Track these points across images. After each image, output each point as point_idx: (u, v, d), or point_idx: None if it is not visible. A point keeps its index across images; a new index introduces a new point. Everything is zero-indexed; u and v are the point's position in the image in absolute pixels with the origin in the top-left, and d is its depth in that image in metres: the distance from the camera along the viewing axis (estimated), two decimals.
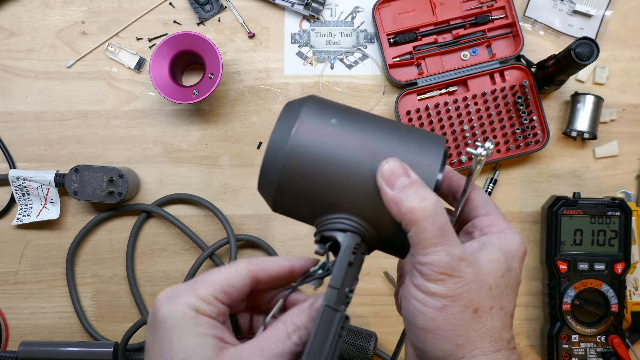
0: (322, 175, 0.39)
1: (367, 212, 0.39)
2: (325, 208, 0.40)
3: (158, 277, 0.81)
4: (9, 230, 0.81)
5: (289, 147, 0.39)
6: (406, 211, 0.37)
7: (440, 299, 0.37)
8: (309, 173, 0.39)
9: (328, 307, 0.37)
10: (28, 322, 0.81)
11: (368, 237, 0.40)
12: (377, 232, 0.40)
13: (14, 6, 0.81)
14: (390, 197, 0.37)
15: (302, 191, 0.39)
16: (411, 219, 0.37)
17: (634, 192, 0.80)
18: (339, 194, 0.39)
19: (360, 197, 0.39)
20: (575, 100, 0.78)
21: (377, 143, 0.39)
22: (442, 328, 0.37)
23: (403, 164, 0.38)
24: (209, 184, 0.81)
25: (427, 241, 0.37)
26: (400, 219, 0.37)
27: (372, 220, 0.39)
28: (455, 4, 0.80)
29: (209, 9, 0.81)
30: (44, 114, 0.81)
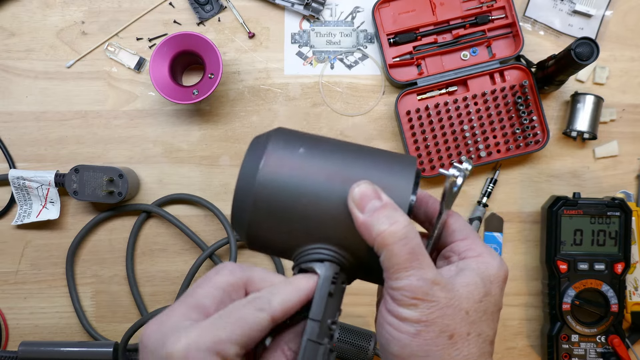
0: (294, 206, 0.38)
1: (342, 239, 0.38)
2: (300, 240, 0.38)
3: (158, 277, 0.81)
4: (9, 230, 0.81)
5: (258, 182, 0.38)
6: (376, 235, 0.36)
7: (413, 324, 0.36)
8: (280, 205, 0.38)
9: (310, 341, 0.36)
10: (28, 322, 0.81)
11: (347, 266, 0.39)
12: (355, 259, 0.39)
13: (14, 6, 0.81)
14: (361, 222, 0.36)
15: (275, 225, 0.38)
16: (381, 242, 0.36)
17: (634, 192, 0.80)
18: (312, 223, 0.38)
19: (333, 224, 0.38)
20: (575, 100, 0.78)
21: (347, 168, 0.38)
22: (416, 354, 0.36)
23: (374, 186, 0.37)
24: (209, 184, 0.81)
25: (397, 265, 0.36)
26: (372, 243, 0.36)
27: (348, 248, 0.38)
28: (455, 4, 0.80)
29: (209, 9, 0.81)
30: (44, 114, 0.81)
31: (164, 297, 0.80)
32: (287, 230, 0.38)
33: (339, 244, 0.38)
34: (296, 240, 0.39)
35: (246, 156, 0.39)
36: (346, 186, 0.38)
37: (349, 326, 0.76)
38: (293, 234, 0.38)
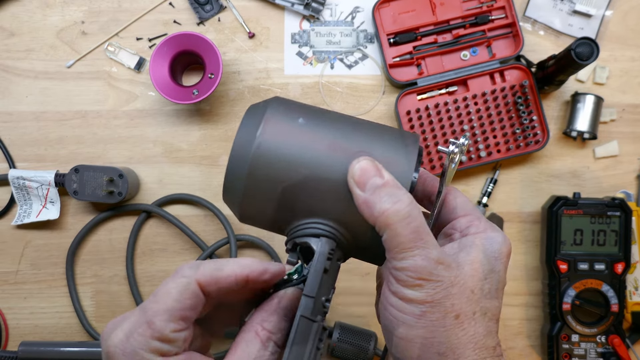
0: (291, 178, 0.36)
1: (341, 215, 0.37)
2: (296, 213, 0.37)
3: (158, 277, 0.81)
4: (9, 230, 0.81)
5: (255, 149, 0.36)
6: (378, 214, 0.35)
7: (418, 305, 0.35)
8: (277, 175, 0.36)
9: (304, 317, 0.34)
10: (28, 322, 0.81)
11: (344, 243, 0.37)
12: (353, 236, 0.37)
13: (14, 6, 0.81)
14: (362, 200, 0.35)
15: (270, 196, 0.37)
16: (384, 222, 0.35)
17: (634, 192, 0.80)
18: (310, 196, 0.36)
19: (332, 199, 0.36)
20: (575, 100, 0.78)
21: (348, 141, 0.37)
22: (422, 336, 0.35)
23: (376, 162, 0.36)
24: (209, 184, 0.81)
25: (401, 245, 0.35)
26: (374, 222, 0.35)
27: (346, 224, 0.37)
28: (455, 4, 0.80)
29: (209, 9, 0.81)
30: (43, 114, 0.81)
31: None
32: (283, 201, 0.37)
33: (336, 220, 0.37)
34: (292, 213, 0.37)
35: (242, 123, 0.37)
36: (347, 160, 0.36)
37: (349, 326, 0.76)
38: (289, 206, 0.37)
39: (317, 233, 0.37)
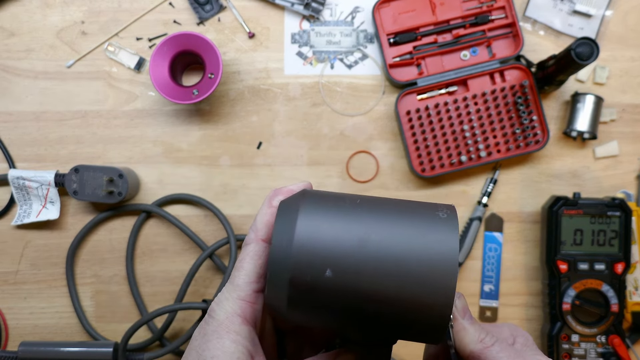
0: (329, 326, 0.37)
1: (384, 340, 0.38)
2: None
3: (158, 277, 0.81)
4: (9, 230, 0.81)
5: (287, 305, 0.36)
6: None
7: None
8: (314, 321, 0.37)
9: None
10: (28, 322, 0.81)
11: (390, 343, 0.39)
12: (406, 334, 0.38)
13: (14, 6, 0.81)
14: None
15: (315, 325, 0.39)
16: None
17: (634, 192, 0.80)
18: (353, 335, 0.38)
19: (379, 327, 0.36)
20: (575, 100, 0.78)
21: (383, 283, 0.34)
22: None
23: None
24: (209, 184, 0.81)
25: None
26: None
27: (392, 340, 0.38)
28: (455, 4, 0.80)
29: (209, 9, 0.81)
30: (43, 114, 0.81)
31: (164, 297, 0.80)
32: (326, 326, 0.38)
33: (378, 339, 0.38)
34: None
35: (270, 264, 0.36)
36: (385, 305, 0.34)
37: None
38: (332, 330, 0.39)
39: (362, 344, 0.38)
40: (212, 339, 0.37)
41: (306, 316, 0.36)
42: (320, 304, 0.35)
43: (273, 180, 0.80)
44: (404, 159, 0.81)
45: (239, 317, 0.38)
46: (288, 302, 0.35)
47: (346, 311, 0.35)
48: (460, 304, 0.41)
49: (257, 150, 0.81)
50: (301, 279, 0.34)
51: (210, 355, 0.36)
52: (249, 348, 0.37)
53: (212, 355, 0.36)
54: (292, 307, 0.35)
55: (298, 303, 0.35)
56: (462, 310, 0.41)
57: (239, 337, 0.37)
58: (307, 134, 0.81)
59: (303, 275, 0.34)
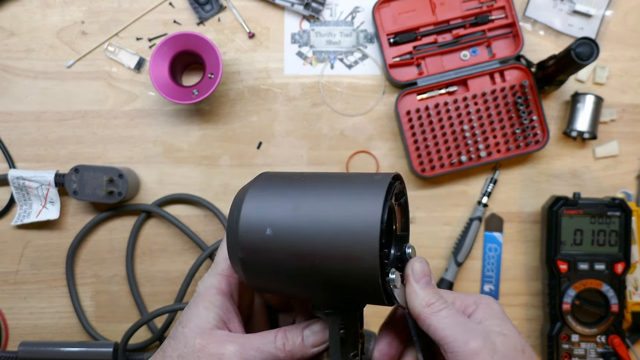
0: (277, 286, 0.41)
1: (339, 304, 0.40)
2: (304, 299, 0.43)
3: (158, 277, 0.80)
4: (9, 230, 0.80)
5: (241, 260, 0.40)
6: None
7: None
8: (266, 284, 0.41)
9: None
10: (28, 322, 0.81)
11: (353, 307, 0.42)
12: (358, 300, 0.41)
13: (14, 6, 0.81)
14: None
15: (270, 291, 0.44)
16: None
17: (634, 192, 0.80)
18: (299, 296, 0.43)
19: (322, 297, 0.40)
20: (575, 100, 0.78)
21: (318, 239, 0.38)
22: None
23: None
24: (209, 184, 0.81)
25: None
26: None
27: (345, 302, 0.41)
28: (455, 4, 0.80)
29: (209, 9, 0.81)
30: (43, 113, 0.81)
31: (164, 297, 0.80)
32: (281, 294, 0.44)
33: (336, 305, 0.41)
34: (297, 298, 0.44)
35: (228, 219, 0.41)
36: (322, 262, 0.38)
37: None
38: (290, 296, 0.44)
39: (326, 312, 0.41)
40: (191, 307, 0.42)
41: (260, 279, 0.40)
42: (267, 263, 0.39)
43: None
44: (404, 159, 0.81)
45: (214, 289, 0.43)
46: (242, 266, 0.39)
47: (290, 270, 0.39)
48: (419, 268, 0.40)
49: (257, 150, 0.81)
50: (247, 240, 0.39)
51: (186, 320, 0.42)
52: (222, 315, 0.42)
53: (188, 319, 0.42)
54: (247, 271, 0.40)
55: (250, 265, 0.39)
56: (420, 274, 0.40)
57: (212, 305, 0.42)
58: (307, 134, 0.81)
59: (248, 236, 0.39)
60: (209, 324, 0.41)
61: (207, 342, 0.40)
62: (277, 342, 0.40)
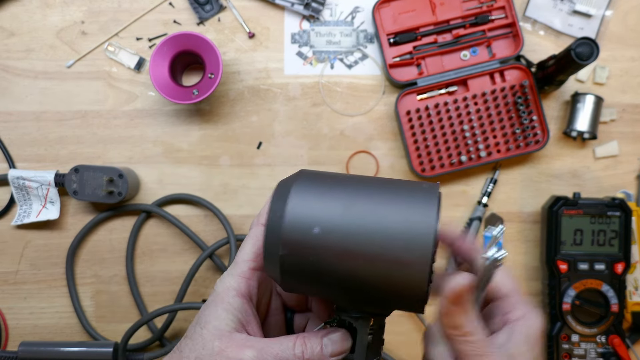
0: (316, 287, 0.40)
1: (377, 301, 0.40)
2: (335, 302, 0.42)
3: (158, 277, 0.81)
4: (8, 230, 0.80)
5: (281, 264, 0.38)
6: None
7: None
8: (304, 284, 0.40)
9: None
10: (28, 322, 0.81)
11: (380, 313, 0.41)
12: (390, 307, 0.41)
13: (14, 6, 0.81)
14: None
15: (308, 292, 0.43)
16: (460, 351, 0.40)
17: (634, 192, 0.80)
18: (335, 298, 0.41)
19: (360, 299, 0.40)
20: (575, 100, 0.78)
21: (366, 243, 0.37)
22: None
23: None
24: (209, 184, 0.81)
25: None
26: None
27: (383, 305, 0.40)
28: (455, 4, 0.80)
29: (209, 9, 0.81)
30: (43, 113, 0.81)
31: (164, 297, 0.80)
32: (319, 296, 0.43)
33: (370, 309, 0.41)
34: (331, 302, 0.43)
35: (267, 224, 0.39)
36: (368, 265, 0.37)
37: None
38: (325, 300, 0.43)
39: (355, 316, 0.41)
40: (209, 307, 0.42)
41: (298, 279, 0.39)
42: (310, 262, 0.38)
43: (273, 180, 0.80)
44: (404, 159, 0.81)
45: (234, 290, 0.42)
46: (281, 264, 0.38)
47: (333, 271, 0.38)
48: (457, 288, 0.39)
49: (257, 150, 0.81)
50: (292, 238, 0.37)
51: (205, 320, 0.41)
52: (240, 317, 0.41)
53: (206, 320, 0.41)
54: (285, 269, 0.38)
55: (290, 264, 0.38)
56: (454, 293, 0.39)
57: (230, 307, 0.41)
58: (307, 134, 0.81)
59: (293, 234, 0.37)
60: (228, 327, 0.41)
61: (225, 345, 0.40)
62: (296, 349, 0.40)
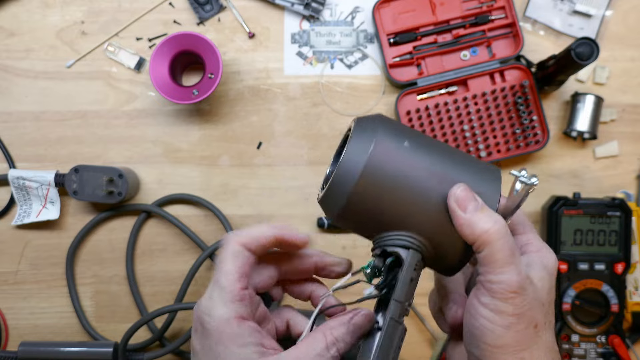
0: (394, 195, 0.40)
1: (431, 231, 0.41)
2: (391, 225, 0.41)
3: (158, 277, 0.81)
4: (8, 230, 0.80)
5: (366, 165, 0.40)
6: (481, 232, 0.39)
7: (508, 317, 0.40)
8: (381, 192, 0.40)
9: (393, 319, 0.40)
10: (28, 322, 0.81)
11: (426, 255, 0.42)
12: (436, 250, 0.42)
13: (14, 6, 0.81)
14: (463, 220, 0.40)
15: (371, 208, 0.41)
16: (486, 240, 0.39)
17: (634, 192, 0.80)
18: (408, 213, 0.41)
19: (427, 217, 0.41)
20: (575, 100, 0.78)
21: (446, 170, 0.42)
22: (509, 345, 0.40)
23: (471, 190, 0.41)
24: (209, 184, 0.81)
25: (500, 261, 0.39)
26: (474, 240, 0.40)
27: (434, 240, 0.41)
28: (455, 4, 0.80)
29: (209, 9, 0.81)
30: (43, 113, 0.81)
31: (164, 297, 0.80)
32: (381, 215, 0.41)
33: (425, 235, 0.41)
34: (387, 225, 0.42)
35: (353, 138, 0.41)
36: (445, 186, 0.41)
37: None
38: (386, 219, 0.41)
39: (406, 245, 0.41)
40: (219, 351, 0.38)
41: (376, 189, 0.40)
42: (395, 170, 0.40)
43: (273, 180, 0.80)
44: None
45: (236, 320, 0.39)
46: (365, 169, 0.40)
47: (411, 185, 0.40)
48: (462, 194, 0.41)
49: (257, 150, 0.81)
50: (384, 145, 0.40)
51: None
52: (256, 340, 0.39)
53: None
54: (366, 177, 0.40)
55: (374, 171, 0.40)
56: (465, 199, 0.41)
57: (243, 338, 0.38)
58: (307, 134, 0.81)
59: (385, 141, 0.40)
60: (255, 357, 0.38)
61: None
62: (331, 351, 0.39)
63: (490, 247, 0.39)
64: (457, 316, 0.46)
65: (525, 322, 0.40)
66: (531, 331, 0.40)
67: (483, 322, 0.40)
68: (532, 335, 0.40)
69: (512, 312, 0.39)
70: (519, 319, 0.40)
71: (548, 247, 0.45)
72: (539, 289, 0.42)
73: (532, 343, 0.40)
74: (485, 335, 0.40)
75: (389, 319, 0.40)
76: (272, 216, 0.80)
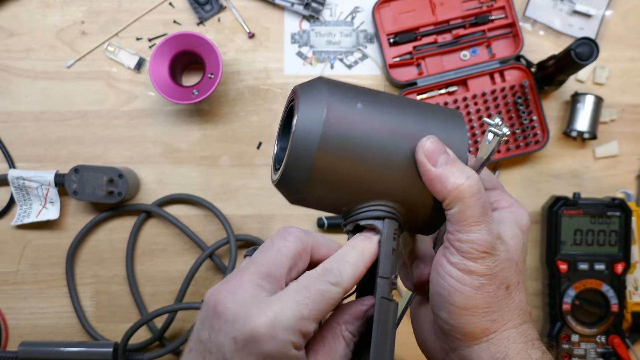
0: (356, 163, 0.37)
1: (403, 195, 0.38)
2: (358, 196, 0.38)
3: (158, 277, 0.81)
4: (8, 230, 0.80)
5: (322, 136, 0.36)
6: (452, 188, 0.36)
7: (478, 277, 0.37)
8: (342, 162, 0.37)
9: (384, 299, 0.37)
10: (28, 322, 0.81)
11: (402, 221, 0.39)
12: (411, 213, 0.39)
13: (14, 6, 0.81)
14: (434, 175, 0.37)
15: (336, 180, 0.37)
16: (457, 196, 0.37)
17: (634, 192, 0.80)
18: (374, 180, 0.37)
19: (395, 180, 0.38)
20: (575, 100, 0.78)
21: (407, 125, 0.38)
22: (479, 306, 0.38)
23: (441, 142, 0.37)
24: (209, 184, 0.81)
25: (471, 219, 0.37)
26: (445, 196, 0.37)
27: (406, 202, 0.38)
28: (455, 4, 0.80)
29: (209, 9, 0.81)
30: (43, 114, 0.81)
31: (164, 297, 0.80)
32: (346, 186, 0.37)
33: (397, 200, 0.38)
34: (354, 197, 0.38)
35: (301, 106, 0.37)
36: (410, 143, 0.37)
37: None
38: (351, 190, 0.38)
39: (380, 215, 0.38)
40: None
41: (337, 156, 0.36)
42: (354, 138, 0.36)
43: None
44: None
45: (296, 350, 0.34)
46: (322, 139, 0.36)
47: (377, 147, 0.37)
48: (431, 146, 0.37)
49: (257, 150, 0.81)
50: (337, 109, 0.36)
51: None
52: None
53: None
54: (325, 147, 0.36)
55: (332, 139, 0.36)
56: (434, 152, 0.37)
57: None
58: None
59: (337, 106, 0.36)
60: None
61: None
62: (351, 346, 0.36)
63: (461, 204, 0.37)
64: (423, 274, 0.42)
65: (497, 283, 0.38)
66: (502, 292, 0.38)
67: (451, 283, 0.38)
68: (503, 297, 0.38)
69: (483, 273, 0.37)
70: (490, 280, 0.38)
71: (519, 203, 0.42)
72: (511, 247, 0.39)
73: (503, 305, 0.39)
74: (454, 296, 0.38)
75: (379, 299, 0.37)
76: (272, 216, 0.80)
